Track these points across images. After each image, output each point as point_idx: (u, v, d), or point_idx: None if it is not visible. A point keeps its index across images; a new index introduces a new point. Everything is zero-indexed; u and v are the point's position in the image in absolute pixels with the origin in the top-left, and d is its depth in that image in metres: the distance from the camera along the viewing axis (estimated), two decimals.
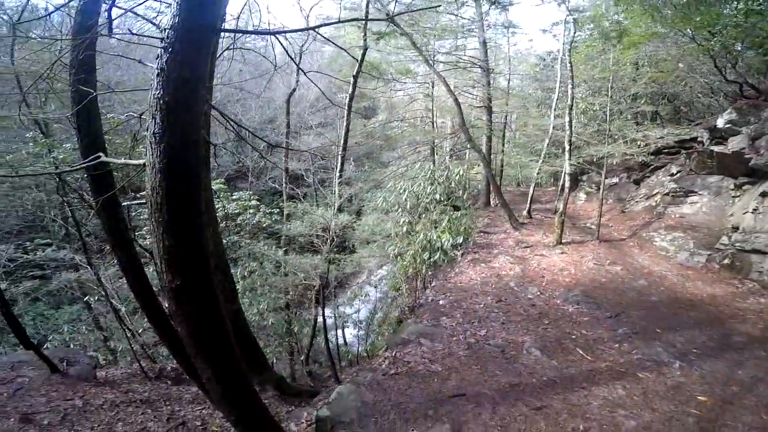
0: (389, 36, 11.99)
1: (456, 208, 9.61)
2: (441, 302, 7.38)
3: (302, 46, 13.31)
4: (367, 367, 5.92)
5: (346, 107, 11.92)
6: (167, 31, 2.31)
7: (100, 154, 2.98)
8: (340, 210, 9.46)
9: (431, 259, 8.56)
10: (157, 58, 2.36)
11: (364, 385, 4.88)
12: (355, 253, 12.30)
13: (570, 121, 10.30)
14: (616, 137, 11.14)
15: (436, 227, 8.69)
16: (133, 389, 6.11)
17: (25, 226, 11.93)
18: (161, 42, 2.35)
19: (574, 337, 5.96)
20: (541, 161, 13.69)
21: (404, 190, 8.87)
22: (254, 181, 18.53)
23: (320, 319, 9.63)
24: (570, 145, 10.44)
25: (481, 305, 7.13)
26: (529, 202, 13.55)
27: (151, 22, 4.82)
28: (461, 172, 8.91)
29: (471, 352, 5.53)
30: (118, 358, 8.31)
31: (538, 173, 14.22)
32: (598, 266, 8.97)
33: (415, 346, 5.79)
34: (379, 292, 12.71)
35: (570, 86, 10.19)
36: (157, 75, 2.28)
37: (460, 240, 8.52)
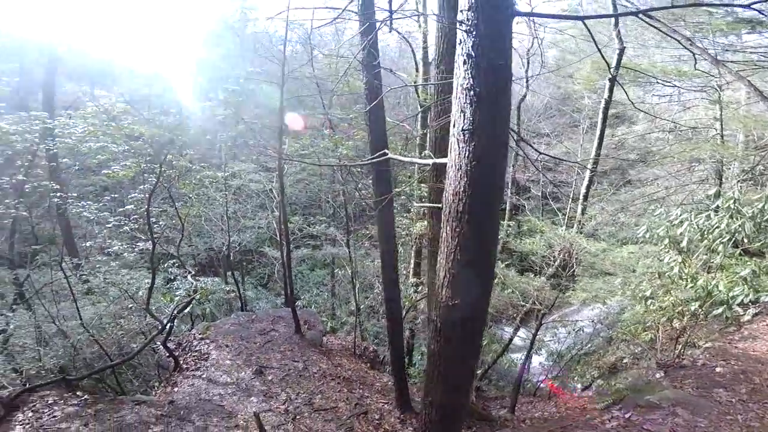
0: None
1: (748, 253, 6.87)
2: (718, 369, 5.68)
3: (528, 50, 12.32)
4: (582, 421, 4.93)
5: (601, 114, 10.18)
6: (465, 12, 2.06)
7: (386, 150, 3.17)
8: (579, 232, 8.12)
9: (706, 314, 6.34)
10: (459, 44, 2.15)
11: None
12: (576, 278, 10.59)
13: None
14: None
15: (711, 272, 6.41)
16: (341, 364, 6.82)
17: (308, 203, 15.73)
18: (460, 25, 2.13)
19: None
20: None
21: (682, 221, 6.72)
22: None
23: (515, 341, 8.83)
24: None
25: None
26: None
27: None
28: None
29: None
30: (340, 327, 9.71)
31: None
32: None
33: (665, 414, 4.58)
34: (591, 327, 10.68)
35: None
36: (463, 63, 2.06)
37: (764, 297, 5.94)
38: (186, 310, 7.26)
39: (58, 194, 6.51)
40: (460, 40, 2.13)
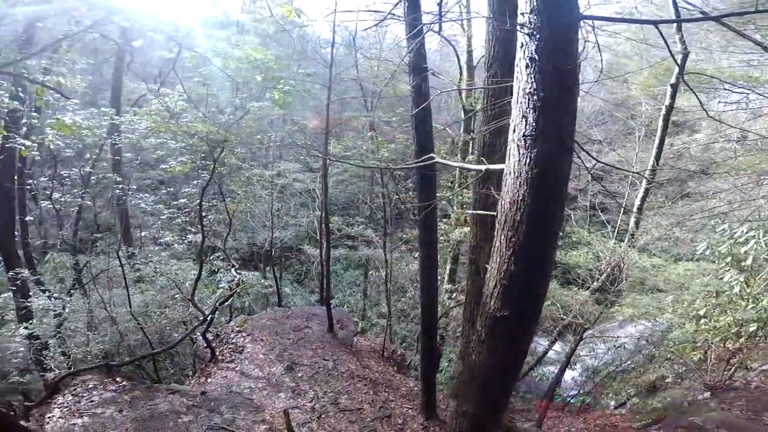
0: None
1: None
2: None
3: (579, 53, 11.66)
4: None
5: (661, 121, 9.59)
6: (527, 15, 1.98)
7: (433, 155, 3.12)
8: (632, 246, 7.70)
9: (766, 336, 6.06)
10: (521, 47, 2.08)
11: None
12: (622, 293, 10.03)
13: None
14: None
15: None
16: (369, 366, 6.77)
17: (346, 204, 15.90)
18: (521, 28, 2.05)
19: None
20: None
21: (747, 239, 6.20)
22: None
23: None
24: None
25: None
26: None
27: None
28: None
29: None
30: (370, 328, 9.68)
31: None
32: None
33: None
34: (633, 343, 10.12)
35: None
36: (526, 67, 1.98)
37: None
38: (227, 303, 7.49)
39: (120, 186, 6.97)
40: (522, 43, 2.06)
